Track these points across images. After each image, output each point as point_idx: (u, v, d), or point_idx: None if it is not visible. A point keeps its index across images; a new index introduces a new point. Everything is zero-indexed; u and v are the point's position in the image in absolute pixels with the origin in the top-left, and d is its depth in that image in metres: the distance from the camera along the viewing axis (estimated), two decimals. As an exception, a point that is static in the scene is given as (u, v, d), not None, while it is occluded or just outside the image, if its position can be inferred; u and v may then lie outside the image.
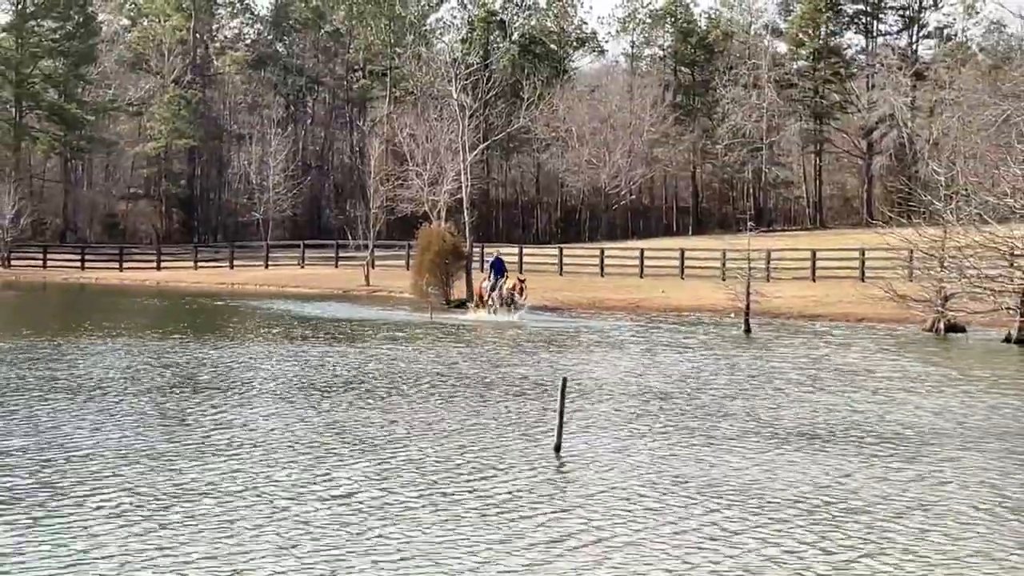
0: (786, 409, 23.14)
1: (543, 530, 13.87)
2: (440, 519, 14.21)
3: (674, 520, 14.42)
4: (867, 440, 19.86)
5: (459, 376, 27.82)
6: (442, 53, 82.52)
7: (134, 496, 14.98)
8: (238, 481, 15.95)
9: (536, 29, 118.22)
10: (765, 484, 16.32)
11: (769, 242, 66.66)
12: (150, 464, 16.89)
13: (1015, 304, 38.95)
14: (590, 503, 15.22)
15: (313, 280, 72.30)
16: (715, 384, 27.04)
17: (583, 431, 20.21)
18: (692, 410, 22.87)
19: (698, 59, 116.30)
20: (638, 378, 28.01)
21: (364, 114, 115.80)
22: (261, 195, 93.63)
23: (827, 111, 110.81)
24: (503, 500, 15.28)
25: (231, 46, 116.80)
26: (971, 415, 22.82)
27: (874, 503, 15.35)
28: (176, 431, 19.64)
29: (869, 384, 27.34)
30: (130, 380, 25.88)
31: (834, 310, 49.45)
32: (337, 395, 24.16)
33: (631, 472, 17.05)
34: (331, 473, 16.62)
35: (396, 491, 15.63)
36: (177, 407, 22.25)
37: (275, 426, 20.33)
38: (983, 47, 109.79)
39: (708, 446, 19.04)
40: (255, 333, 39.87)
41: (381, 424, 20.68)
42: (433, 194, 65.40)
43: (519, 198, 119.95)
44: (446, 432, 19.99)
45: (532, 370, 29.34)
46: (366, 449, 18.36)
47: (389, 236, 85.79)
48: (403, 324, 44.94)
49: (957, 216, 41.84)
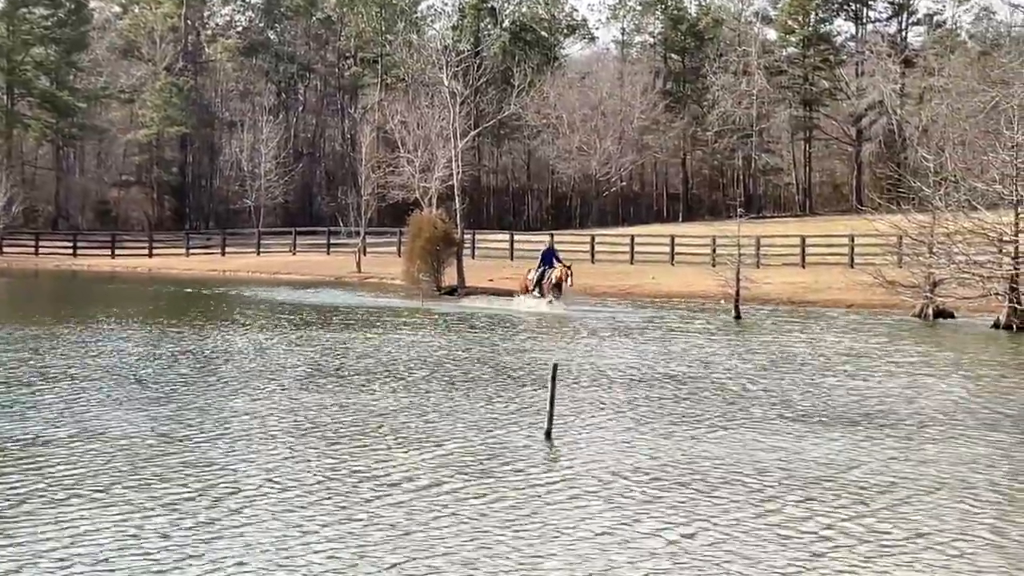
0: (777, 394, 23.29)
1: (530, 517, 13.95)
2: (431, 505, 14.31)
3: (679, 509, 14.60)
4: (872, 422, 20.07)
5: (447, 362, 27.97)
6: (433, 40, 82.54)
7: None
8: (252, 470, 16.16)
9: (527, 16, 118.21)
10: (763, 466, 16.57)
11: (759, 228, 66.88)
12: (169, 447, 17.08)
13: (1003, 290, 39.22)
14: (579, 487, 15.26)
15: (305, 267, 72.37)
16: (700, 370, 27.16)
17: (573, 418, 20.23)
18: (680, 396, 23.05)
19: (688, 46, 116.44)
20: (624, 364, 28.09)
21: (355, 101, 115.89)
22: (253, 182, 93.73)
23: (816, 98, 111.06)
24: (490, 487, 15.26)
25: (223, 33, 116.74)
26: (951, 399, 23.03)
27: (887, 483, 15.54)
28: (186, 418, 19.79)
29: (861, 368, 27.54)
30: (109, 369, 26.00)
31: (823, 296, 49.68)
32: (338, 381, 24.30)
33: (621, 458, 17.16)
34: (307, 458, 16.82)
35: (383, 481, 15.70)
36: (174, 394, 22.40)
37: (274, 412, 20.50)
38: (972, 34, 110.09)
39: (690, 432, 19.21)
40: (251, 320, 39.92)
41: (375, 408, 20.82)
42: (424, 181, 65.47)
43: (510, 185, 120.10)
44: (438, 415, 20.10)
45: (523, 357, 29.45)
46: (363, 433, 18.56)
47: (380, 223, 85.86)
48: (395, 310, 45.04)
49: (946, 202, 42.06)
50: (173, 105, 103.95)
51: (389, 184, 75.01)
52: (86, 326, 35.38)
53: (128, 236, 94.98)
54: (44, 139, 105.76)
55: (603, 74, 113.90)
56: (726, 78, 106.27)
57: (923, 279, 42.53)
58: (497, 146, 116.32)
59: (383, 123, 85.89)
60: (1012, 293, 38.87)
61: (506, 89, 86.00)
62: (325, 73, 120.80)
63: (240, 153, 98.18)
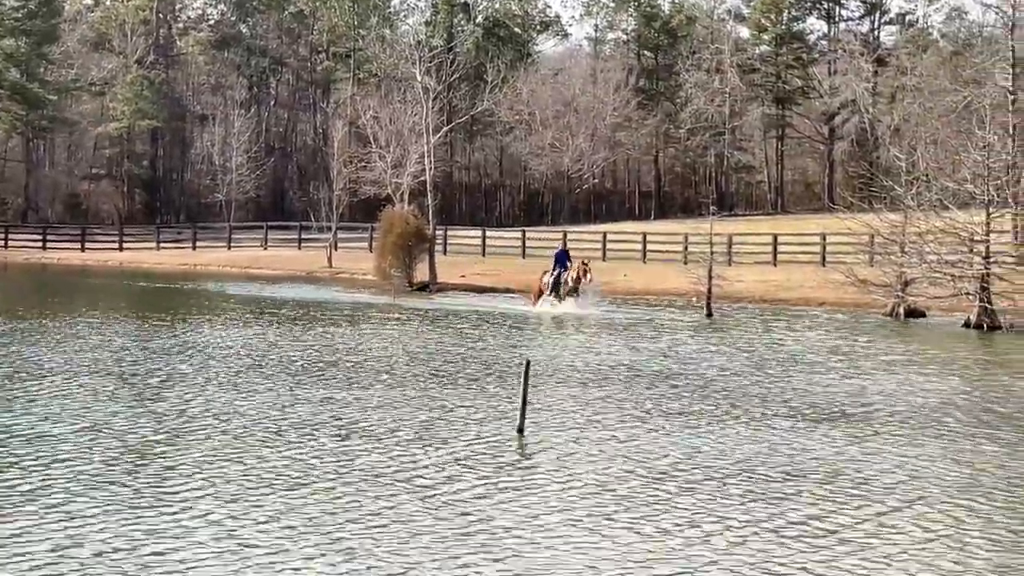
0: (747, 391, 23.28)
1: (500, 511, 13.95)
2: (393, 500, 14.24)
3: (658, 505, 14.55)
4: (851, 418, 20.11)
5: (419, 358, 27.83)
6: (406, 35, 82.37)
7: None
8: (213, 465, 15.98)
9: (500, 12, 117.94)
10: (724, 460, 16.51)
11: (731, 226, 66.85)
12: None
13: (974, 289, 39.30)
14: (548, 483, 15.25)
15: (276, 262, 72.12)
16: (671, 368, 27.09)
17: (546, 414, 20.21)
18: (651, 393, 22.98)
19: (661, 43, 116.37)
20: (595, 361, 28.05)
21: (328, 96, 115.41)
22: (224, 176, 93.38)
23: (789, 96, 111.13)
24: (462, 481, 15.26)
25: (194, 26, 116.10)
26: (915, 395, 23.04)
27: (850, 475, 15.57)
28: (146, 413, 19.61)
29: (831, 367, 27.54)
30: (74, 365, 25.79)
31: (795, 295, 49.70)
32: (304, 378, 24.14)
33: (590, 454, 17.12)
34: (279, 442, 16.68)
35: (354, 477, 15.61)
36: (140, 391, 22.21)
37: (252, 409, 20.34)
38: (944, 33, 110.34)
39: (661, 428, 19.18)
40: (218, 315, 39.71)
41: (343, 405, 20.70)
42: (396, 177, 65.32)
43: (482, 181, 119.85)
44: (409, 413, 19.99)
45: (496, 353, 29.36)
46: (329, 431, 18.41)
47: (352, 218, 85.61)
48: (366, 306, 44.85)
49: (918, 202, 42.18)
50: (144, 98, 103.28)
51: (361, 179, 74.75)
52: (56, 320, 35.14)
53: (98, 230, 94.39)
54: (14, 131, 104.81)
55: (576, 71, 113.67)
56: (699, 76, 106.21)
57: (895, 278, 42.62)
58: (469, 142, 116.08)
59: (355, 118, 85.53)
60: (983, 293, 38.97)
61: (479, 85, 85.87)
62: (297, 67, 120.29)
63: (211, 147, 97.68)
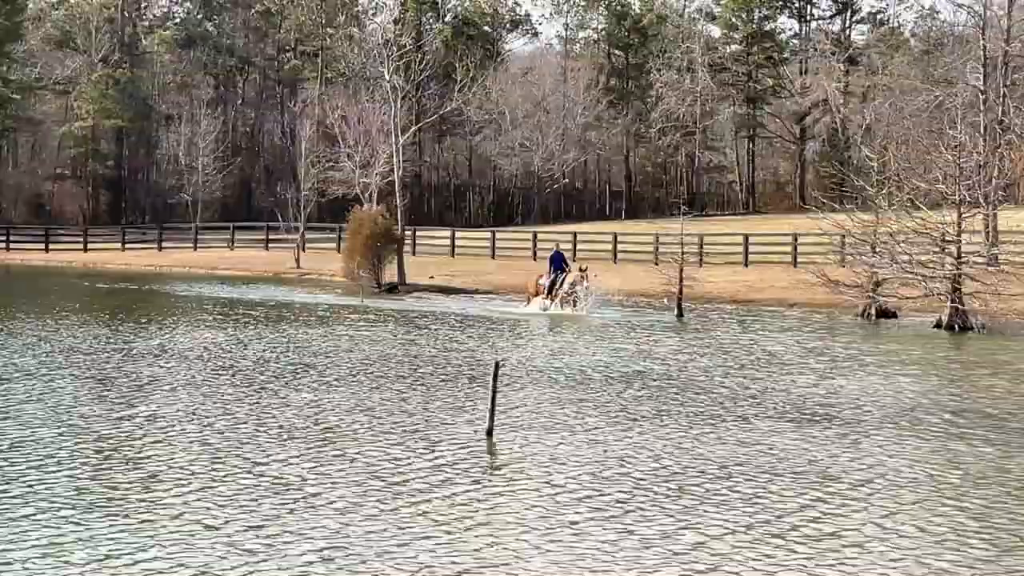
0: (720, 392, 22.93)
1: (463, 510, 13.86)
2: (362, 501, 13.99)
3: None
4: (814, 418, 19.80)
5: (387, 359, 27.40)
6: (374, 34, 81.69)
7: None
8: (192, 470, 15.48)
9: (469, 11, 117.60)
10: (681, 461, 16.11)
11: (702, 227, 66.66)
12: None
13: (945, 290, 39.02)
14: (517, 485, 15.14)
15: (243, 262, 71.66)
16: (641, 368, 26.77)
17: (515, 415, 20.03)
18: (620, 394, 22.62)
19: (632, 42, 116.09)
20: (565, 362, 27.73)
21: (295, 95, 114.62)
22: (190, 176, 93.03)
23: (760, 96, 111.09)
24: (431, 484, 15.17)
25: (160, 25, 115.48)
26: (900, 396, 22.68)
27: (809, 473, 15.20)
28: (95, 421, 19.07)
29: (806, 367, 27.21)
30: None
31: (766, 295, 49.42)
32: (266, 380, 23.67)
33: (560, 456, 16.93)
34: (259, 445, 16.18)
35: (327, 475, 15.38)
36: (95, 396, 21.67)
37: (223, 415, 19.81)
38: (915, 33, 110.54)
39: (630, 429, 18.87)
40: (186, 317, 39.17)
41: (310, 407, 20.27)
42: (365, 176, 65.04)
43: (452, 181, 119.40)
44: (375, 414, 19.69)
45: (466, 354, 29.04)
46: (295, 435, 17.94)
47: (320, 219, 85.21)
48: (334, 308, 44.38)
49: (889, 202, 41.89)
50: (109, 97, 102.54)
51: (329, 179, 74.36)
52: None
53: (62, 230, 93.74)
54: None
55: (546, 70, 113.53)
56: (669, 75, 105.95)
57: (866, 278, 42.34)
58: (439, 142, 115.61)
59: (323, 118, 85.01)
60: (954, 293, 38.67)
61: (448, 84, 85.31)
62: (264, 66, 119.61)
63: (177, 147, 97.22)
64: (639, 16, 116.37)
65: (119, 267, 72.94)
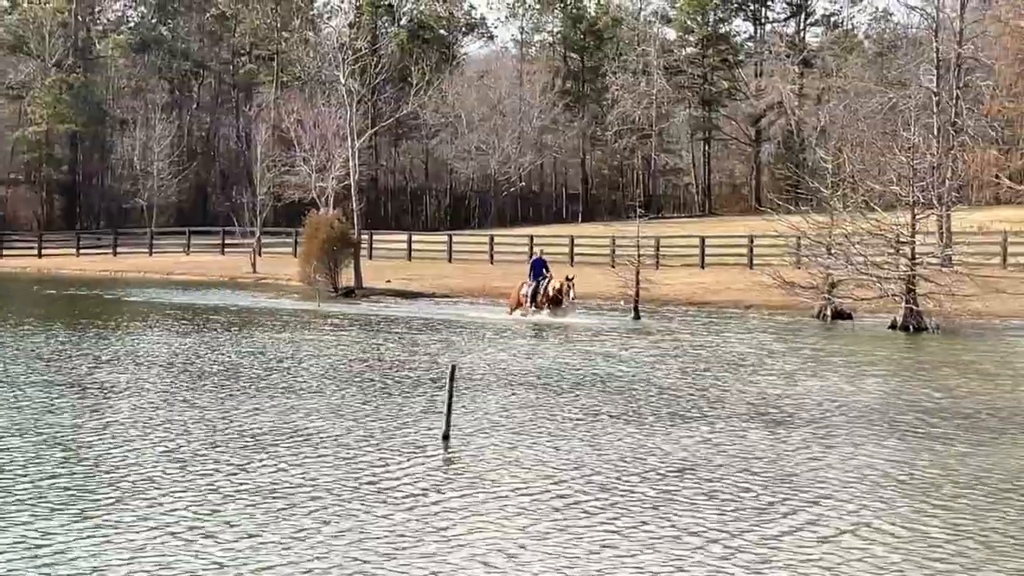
0: (679, 393, 22.91)
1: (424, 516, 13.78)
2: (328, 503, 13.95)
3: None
4: (777, 419, 19.87)
5: (343, 364, 27.25)
6: (329, 38, 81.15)
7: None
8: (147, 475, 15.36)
9: (425, 14, 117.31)
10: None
11: (658, 229, 66.84)
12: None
13: (900, 291, 39.25)
14: (473, 489, 15.07)
15: (198, 267, 71.31)
16: (597, 371, 26.75)
17: (472, 419, 19.95)
18: (577, 397, 22.58)
19: (587, 45, 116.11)
20: (520, 366, 27.66)
21: (250, 99, 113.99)
22: (145, 181, 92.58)
23: (716, 98, 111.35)
24: (389, 487, 15.14)
25: (114, 29, 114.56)
26: (859, 397, 22.74)
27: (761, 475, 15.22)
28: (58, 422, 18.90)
29: (763, 368, 27.27)
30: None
31: (723, 297, 49.55)
32: (220, 385, 23.49)
33: (517, 458, 16.91)
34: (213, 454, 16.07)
35: (278, 477, 15.24)
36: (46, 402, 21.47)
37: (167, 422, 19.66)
38: (869, 35, 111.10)
39: (588, 432, 18.79)
40: (142, 323, 38.85)
41: (270, 412, 20.13)
42: (321, 180, 64.82)
43: (408, 185, 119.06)
44: (335, 418, 19.55)
45: (423, 358, 28.88)
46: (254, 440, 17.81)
47: (276, 223, 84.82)
48: (290, 313, 44.17)
49: (844, 203, 42.10)
50: (63, 102, 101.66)
51: (285, 184, 74.11)
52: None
53: (16, 236, 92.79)
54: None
55: (502, 73, 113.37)
56: (625, 78, 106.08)
57: (821, 280, 42.53)
58: (395, 145, 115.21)
59: (279, 122, 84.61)
60: (909, 294, 38.90)
61: (404, 88, 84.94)
62: (219, 70, 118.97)
63: (132, 151, 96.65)
64: (594, 19, 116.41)
65: (74, 273, 72.37)
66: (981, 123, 55.28)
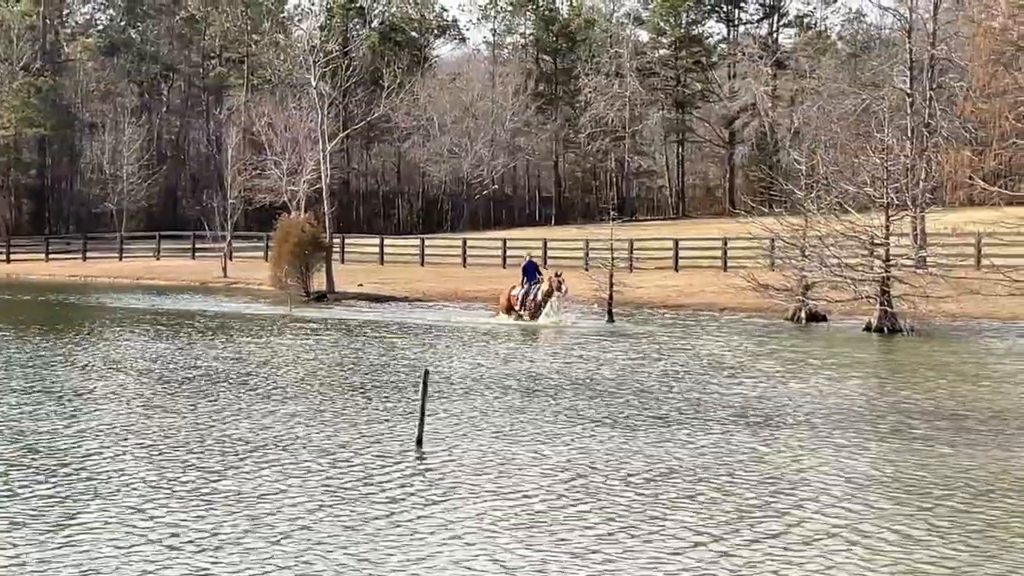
0: (654, 397, 22.75)
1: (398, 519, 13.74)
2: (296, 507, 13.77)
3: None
4: (748, 420, 19.70)
5: (317, 369, 26.95)
6: (300, 40, 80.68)
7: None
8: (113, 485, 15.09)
9: (396, 16, 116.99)
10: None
11: (632, 232, 66.74)
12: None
13: (874, 293, 39.09)
14: (447, 495, 15.01)
15: (169, 272, 70.93)
16: (572, 374, 26.57)
17: (446, 424, 19.84)
18: (551, 400, 22.37)
19: (560, 47, 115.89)
20: (495, 369, 27.47)
21: (221, 102, 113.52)
22: (115, 185, 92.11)
23: (689, 100, 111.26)
24: (361, 493, 15.09)
25: (83, 32, 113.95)
26: (834, 398, 22.54)
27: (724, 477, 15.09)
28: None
29: (739, 371, 27.10)
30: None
31: (697, 300, 49.37)
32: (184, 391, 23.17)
33: (491, 463, 16.86)
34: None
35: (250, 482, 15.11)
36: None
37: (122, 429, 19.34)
38: (842, 36, 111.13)
39: (558, 436, 18.66)
40: (112, 328, 38.45)
41: (254, 419, 19.88)
42: (292, 184, 64.52)
43: (380, 188, 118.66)
44: (303, 427, 19.34)
45: (396, 363, 28.68)
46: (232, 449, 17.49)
47: (247, 227, 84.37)
48: (262, 318, 43.82)
49: (818, 205, 41.93)
50: (31, 106, 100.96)
51: (256, 187, 73.60)
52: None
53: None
54: None
55: (474, 75, 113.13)
56: (598, 80, 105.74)
57: (796, 282, 42.37)
58: (367, 149, 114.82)
59: (249, 125, 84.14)
60: (883, 296, 38.74)
61: (375, 90, 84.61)
62: (189, 73, 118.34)
63: (102, 155, 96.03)
64: (567, 21, 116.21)
65: (43, 278, 71.89)
66: (955, 124, 55.19)
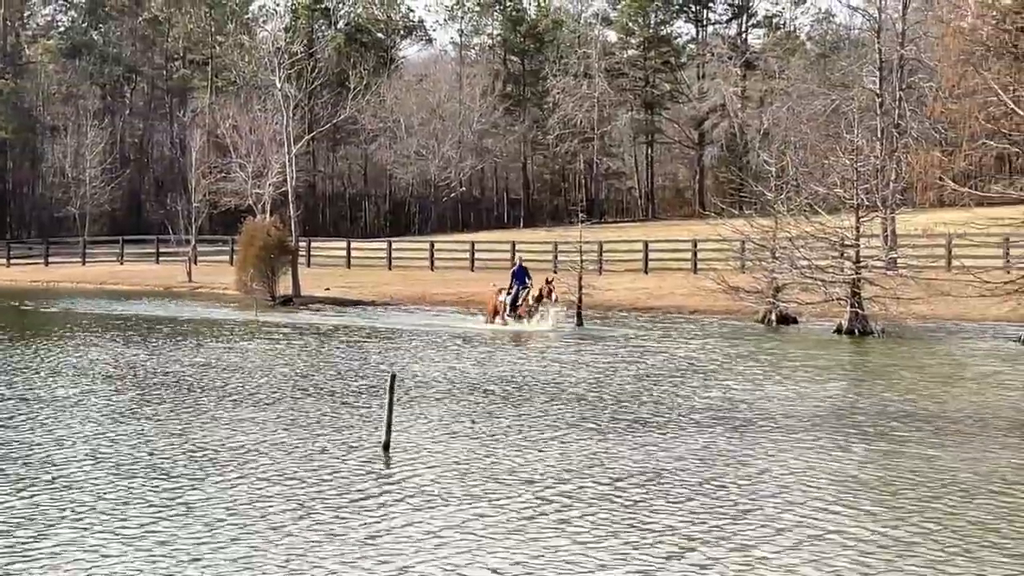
0: (625, 399, 22.55)
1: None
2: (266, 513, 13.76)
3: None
4: (720, 423, 19.66)
5: (283, 375, 26.43)
6: (265, 42, 79.97)
7: None
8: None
9: (362, 17, 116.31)
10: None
11: (601, 234, 66.40)
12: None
13: (845, 295, 38.85)
14: (412, 499, 14.96)
15: (133, 277, 70.39)
16: (537, 378, 26.36)
17: (412, 428, 19.78)
18: (516, 403, 22.11)
19: (527, 48, 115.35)
20: (461, 373, 27.20)
21: (185, 105, 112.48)
22: (77, 189, 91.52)
23: (658, 101, 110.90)
24: (328, 499, 14.99)
25: (44, 34, 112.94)
26: (808, 401, 22.16)
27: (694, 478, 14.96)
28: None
29: (710, 374, 26.89)
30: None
31: (666, 302, 49.12)
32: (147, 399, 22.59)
33: (456, 467, 16.82)
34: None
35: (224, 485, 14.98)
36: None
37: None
38: (811, 36, 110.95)
39: (524, 439, 18.55)
40: (78, 334, 37.79)
41: (224, 426, 19.48)
42: (257, 187, 64.17)
43: (347, 191, 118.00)
44: (269, 432, 19.23)
45: (361, 367, 28.40)
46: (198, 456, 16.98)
47: (212, 231, 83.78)
48: (227, 323, 43.29)
49: (788, 207, 41.67)
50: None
51: (221, 191, 73.00)
52: None
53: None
54: None
55: (441, 76, 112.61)
56: (566, 81, 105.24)
57: (766, 284, 42.11)
58: (333, 151, 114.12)
59: (214, 128, 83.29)
60: (854, 297, 38.51)
61: (341, 92, 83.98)
62: (152, 75, 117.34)
63: (64, 159, 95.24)
64: (535, 21, 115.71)
65: (4, 284, 71.40)
66: (924, 125, 55.09)
